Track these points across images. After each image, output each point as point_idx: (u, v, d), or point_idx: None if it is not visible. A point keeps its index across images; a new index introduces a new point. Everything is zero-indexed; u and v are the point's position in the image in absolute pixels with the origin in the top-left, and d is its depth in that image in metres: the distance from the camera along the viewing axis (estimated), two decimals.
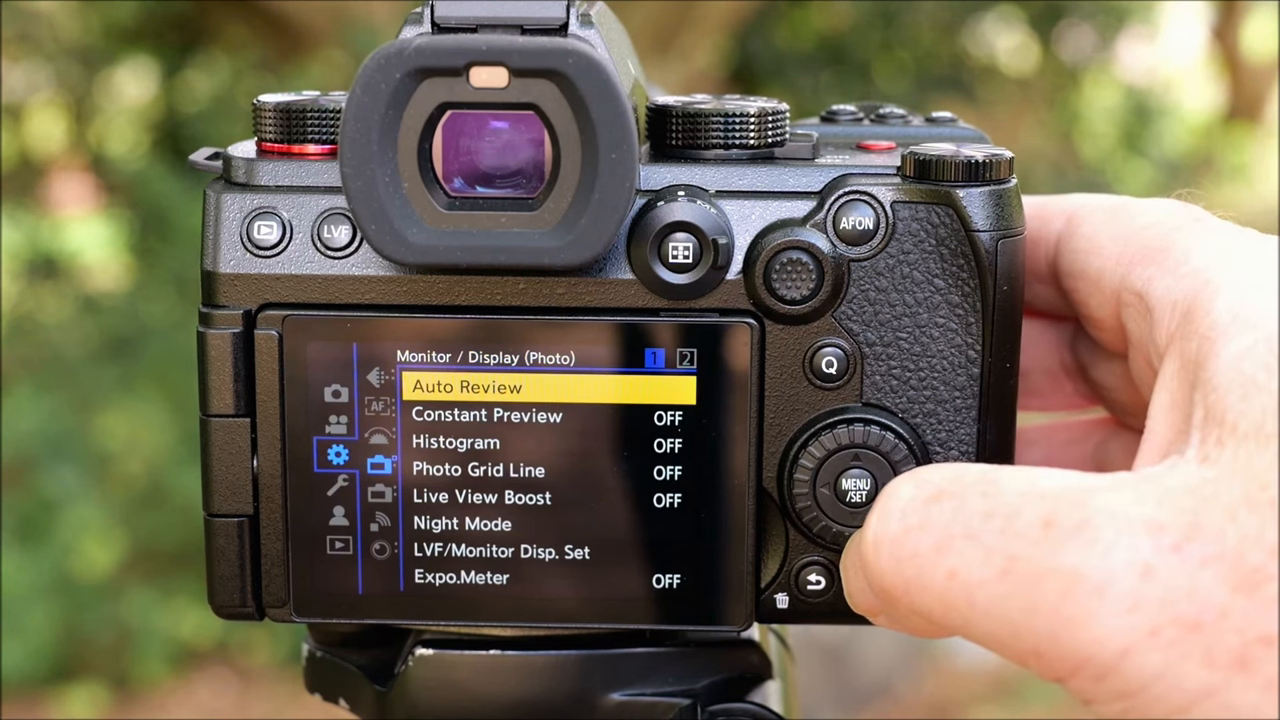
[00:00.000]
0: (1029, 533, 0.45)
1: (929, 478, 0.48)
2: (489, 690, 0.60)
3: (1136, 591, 0.43)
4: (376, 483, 0.57)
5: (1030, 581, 0.45)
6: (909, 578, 0.47)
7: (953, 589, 0.46)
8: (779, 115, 0.58)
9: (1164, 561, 0.43)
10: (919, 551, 0.47)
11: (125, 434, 3.49)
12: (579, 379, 0.56)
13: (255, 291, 0.56)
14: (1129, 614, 0.43)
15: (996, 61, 6.42)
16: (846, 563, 0.55)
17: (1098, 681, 0.44)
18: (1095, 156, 6.51)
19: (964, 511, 0.47)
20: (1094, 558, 0.44)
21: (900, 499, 0.48)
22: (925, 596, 0.47)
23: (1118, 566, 0.43)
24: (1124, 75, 7.06)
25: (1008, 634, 0.45)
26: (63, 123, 4.94)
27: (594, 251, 0.52)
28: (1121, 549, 0.44)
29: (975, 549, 0.46)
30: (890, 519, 0.48)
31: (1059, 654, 0.44)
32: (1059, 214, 0.60)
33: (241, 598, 0.58)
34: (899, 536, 0.48)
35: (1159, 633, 0.43)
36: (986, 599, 0.45)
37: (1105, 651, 0.43)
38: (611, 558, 0.57)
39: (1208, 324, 0.48)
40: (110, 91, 4.96)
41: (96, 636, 3.25)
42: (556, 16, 0.53)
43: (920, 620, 0.49)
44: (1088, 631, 0.44)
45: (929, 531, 0.47)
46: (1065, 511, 0.45)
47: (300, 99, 0.58)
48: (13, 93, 4.73)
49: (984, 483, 0.47)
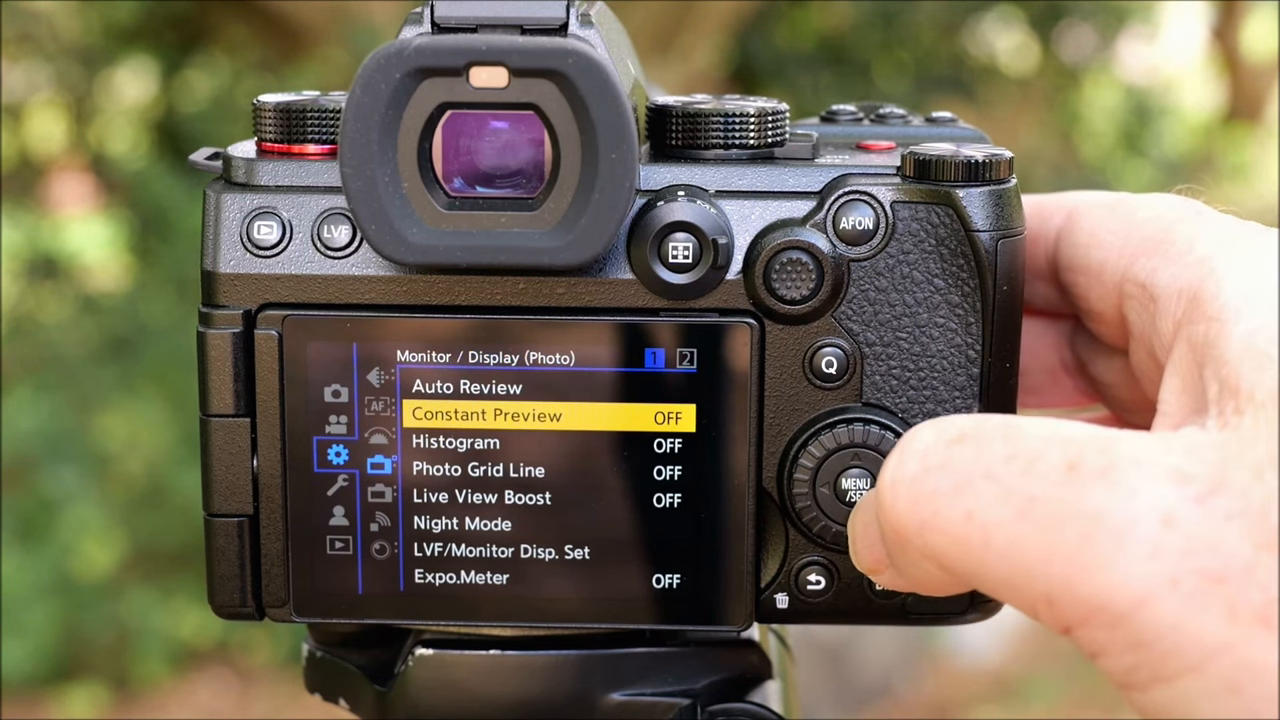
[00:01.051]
0: (1051, 475, 0.44)
1: (952, 421, 0.48)
2: (489, 690, 0.60)
3: (1158, 539, 0.42)
4: (376, 483, 0.57)
5: (1049, 523, 0.44)
6: (924, 518, 0.46)
7: (969, 529, 0.45)
8: (779, 115, 0.58)
9: (1188, 511, 0.42)
10: (938, 490, 0.46)
11: (125, 434, 3.49)
12: (579, 379, 0.56)
13: (255, 291, 0.56)
14: (1149, 560, 0.42)
15: (996, 61, 6.42)
16: (856, 518, 0.54)
17: (1110, 630, 0.43)
18: (1095, 156, 6.51)
19: (986, 453, 0.46)
20: (1116, 502, 0.43)
21: (921, 441, 0.47)
22: (939, 538, 0.46)
23: (1140, 512, 0.42)
24: (1124, 75, 7.06)
25: (1021, 578, 0.44)
26: (63, 123, 4.95)
27: (594, 251, 0.52)
28: (1145, 495, 0.43)
29: (995, 489, 0.45)
30: (910, 459, 0.47)
31: (1072, 598, 0.43)
32: (1058, 210, 0.60)
33: (241, 598, 0.58)
34: (918, 476, 0.47)
35: (1179, 582, 0.42)
36: (1002, 540, 0.44)
37: (1121, 598, 0.42)
38: (611, 558, 0.57)
39: (1216, 307, 0.47)
40: (110, 91, 4.96)
41: (96, 636, 3.25)
42: (556, 16, 0.53)
43: (931, 567, 0.47)
44: (1104, 576, 0.42)
45: (949, 471, 0.46)
46: (1090, 456, 0.44)
47: (300, 99, 0.58)
48: (13, 93, 4.73)
49: (1007, 427, 0.46)
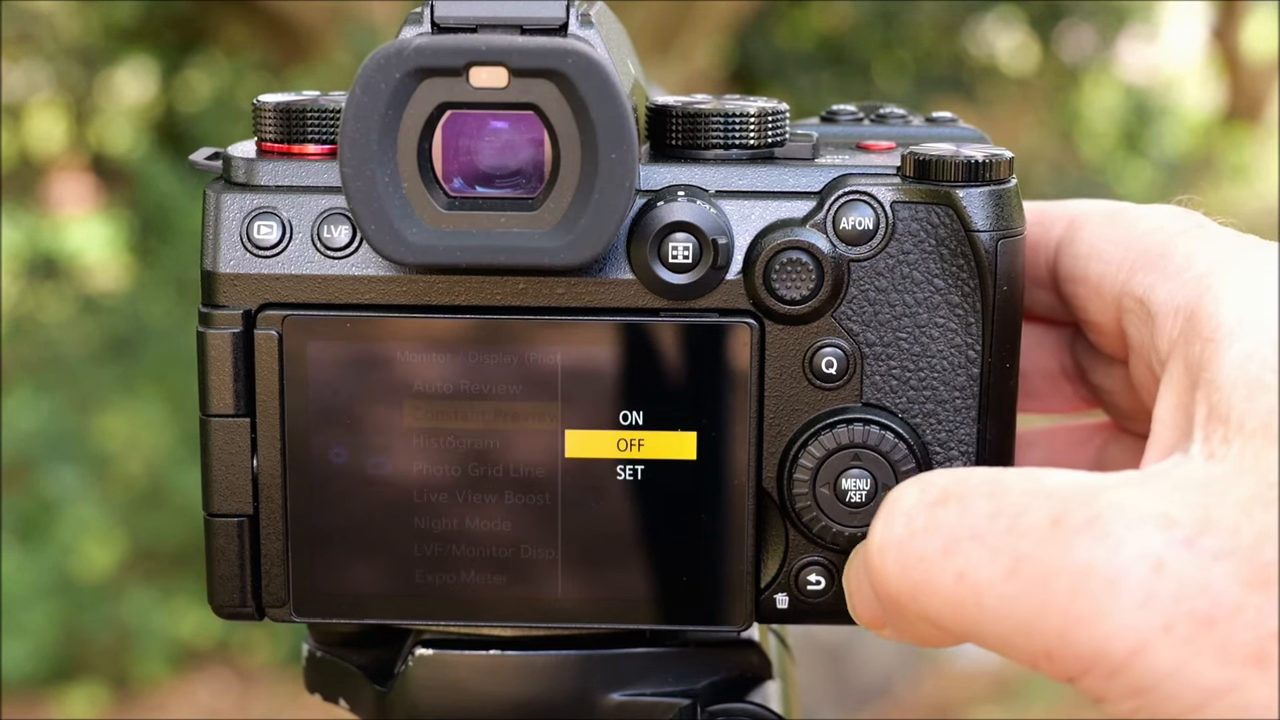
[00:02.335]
0: (1037, 531, 0.44)
1: (933, 480, 0.48)
2: (489, 690, 0.60)
3: (1149, 586, 0.42)
4: (376, 483, 0.57)
5: (1039, 580, 0.44)
6: (916, 582, 0.47)
7: (961, 591, 0.45)
8: (779, 115, 0.58)
9: (1176, 556, 0.42)
10: (925, 555, 0.46)
11: (125, 434, 3.49)
12: (579, 379, 0.56)
13: (255, 291, 0.56)
14: (1141, 609, 0.42)
15: (996, 61, 6.43)
16: (850, 575, 0.55)
17: (1110, 679, 0.43)
18: (1095, 156, 6.51)
19: (970, 513, 0.46)
20: (1104, 553, 0.43)
21: (905, 503, 0.48)
22: (933, 601, 0.46)
23: (1129, 561, 0.43)
24: (1124, 75, 7.06)
25: (1018, 635, 0.45)
26: (63, 123, 4.95)
27: (594, 252, 0.52)
28: (1132, 543, 0.43)
29: (983, 550, 0.45)
30: (895, 523, 0.48)
31: (1071, 653, 0.44)
32: (1059, 219, 0.59)
33: (241, 598, 0.58)
34: (905, 541, 0.47)
35: (1172, 628, 0.42)
36: (996, 600, 0.45)
37: (1117, 648, 0.43)
38: (611, 557, 0.57)
39: (1211, 327, 0.47)
40: (110, 91, 4.96)
41: (96, 636, 3.25)
42: (556, 16, 0.53)
43: (928, 627, 0.48)
44: (1099, 628, 0.43)
45: (935, 534, 0.46)
46: (1073, 509, 0.44)
47: (300, 99, 0.58)
48: (13, 93, 4.73)
49: (989, 484, 0.47)
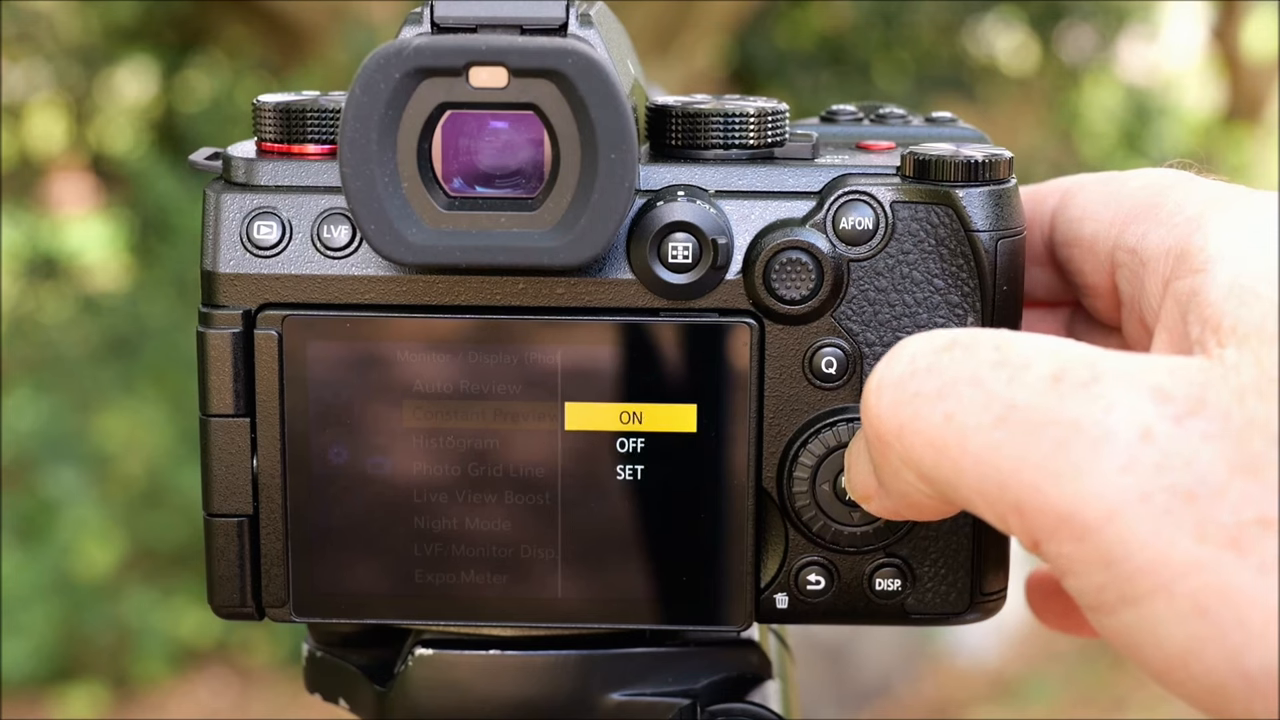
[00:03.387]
0: (1036, 384, 0.44)
1: (945, 332, 0.48)
2: (489, 690, 0.60)
3: (1133, 452, 0.42)
4: (376, 482, 0.57)
5: (1026, 430, 0.43)
6: (905, 420, 0.46)
7: (946, 432, 0.45)
8: (779, 115, 0.58)
9: (1165, 428, 0.42)
10: (920, 392, 0.46)
11: (125, 434, 3.49)
12: (578, 379, 0.56)
13: (255, 291, 0.56)
14: (1122, 474, 0.42)
15: (996, 61, 6.42)
16: (852, 445, 0.54)
17: (1078, 543, 0.42)
18: (1095, 156, 6.51)
19: (974, 359, 0.46)
20: (1095, 413, 0.43)
21: (912, 346, 0.47)
22: (917, 440, 0.46)
23: (1117, 424, 0.42)
24: (1124, 75, 7.06)
25: (993, 485, 0.44)
26: (63, 123, 4.95)
27: (593, 252, 0.52)
28: (1124, 408, 0.42)
29: (977, 394, 0.45)
30: (898, 363, 0.47)
31: (1041, 506, 0.43)
32: (1053, 192, 0.60)
33: (241, 597, 0.58)
34: (904, 378, 0.47)
35: (1151, 498, 0.41)
36: (979, 445, 0.44)
37: (1091, 509, 0.42)
38: (611, 557, 0.57)
39: (1201, 259, 0.47)
40: (110, 91, 4.97)
41: (96, 636, 3.25)
42: (556, 16, 0.53)
43: (910, 476, 0.47)
44: (1075, 485, 0.42)
45: (935, 375, 0.46)
46: (1075, 368, 0.44)
47: (300, 99, 0.58)
48: (13, 93, 4.73)
49: (999, 337, 0.46)
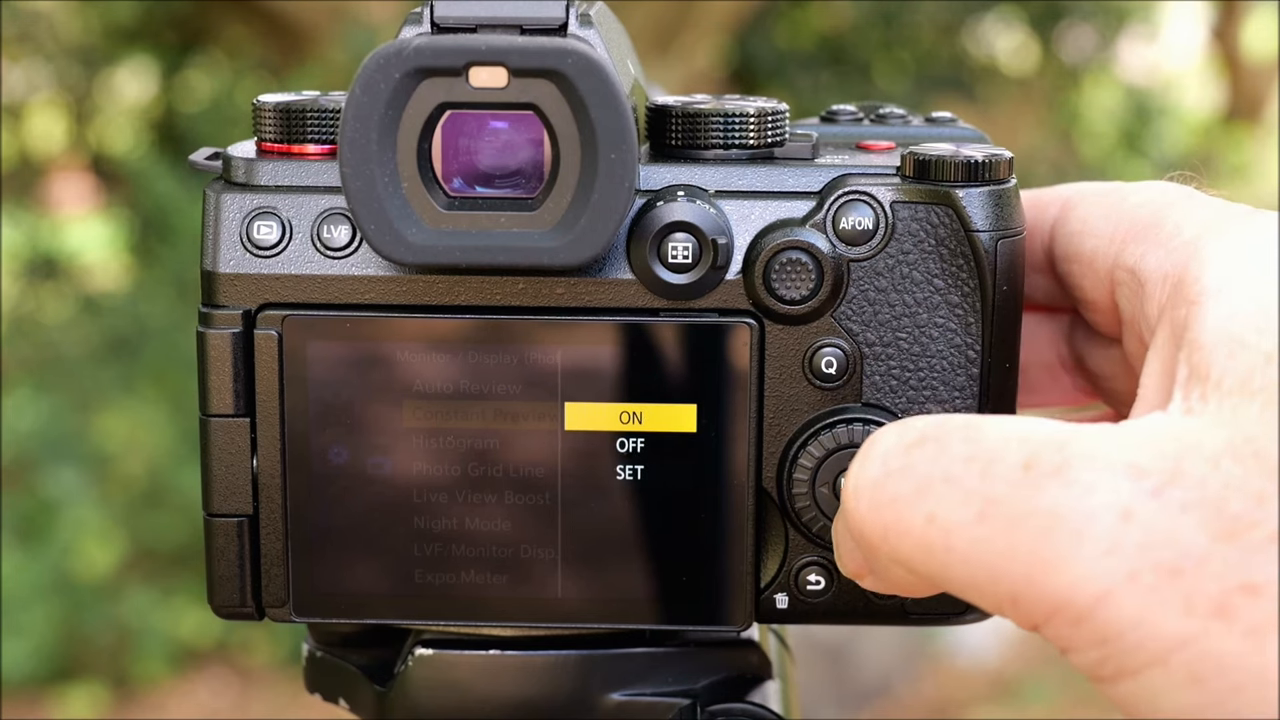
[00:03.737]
0: (1009, 475, 0.44)
1: (912, 424, 0.48)
2: (489, 690, 0.60)
3: (1115, 534, 0.42)
4: (376, 482, 0.57)
5: (1008, 524, 0.44)
6: (888, 523, 0.46)
7: (930, 533, 0.45)
8: (779, 115, 0.58)
9: (1144, 505, 0.42)
10: (898, 495, 0.46)
11: (125, 434, 3.49)
12: (579, 379, 0.56)
13: (255, 291, 0.56)
14: (1107, 556, 0.42)
15: (996, 61, 6.43)
16: (837, 525, 0.55)
17: (1074, 627, 0.43)
18: (1095, 156, 6.51)
19: (945, 455, 0.46)
20: (1072, 499, 0.43)
21: (883, 445, 0.48)
22: (904, 542, 0.46)
23: (1096, 508, 0.43)
24: (1124, 75, 7.06)
25: (985, 579, 0.44)
26: (63, 123, 4.95)
27: (593, 252, 0.52)
28: (1101, 491, 0.43)
29: (954, 492, 0.45)
30: (871, 464, 0.47)
31: (1035, 597, 0.43)
32: (1054, 201, 0.60)
33: (241, 597, 0.58)
34: (879, 480, 0.47)
35: (1137, 577, 0.42)
36: (964, 543, 0.45)
37: (1082, 595, 0.42)
38: (611, 557, 0.57)
39: (1196, 291, 0.47)
40: (110, 91, 4.97)
41: (96, 636, 3.25)
42: (556, 16, 0.53)
43: (900, 571, 0.48)
44: (1065, 574, 0.43)
45: (909, 476, 0.46)
46: (1045, 454, 0.44)
47: (300, 99, 0.58)
48: (13, 93, 4.73)
49: (967, 428, 0.46)
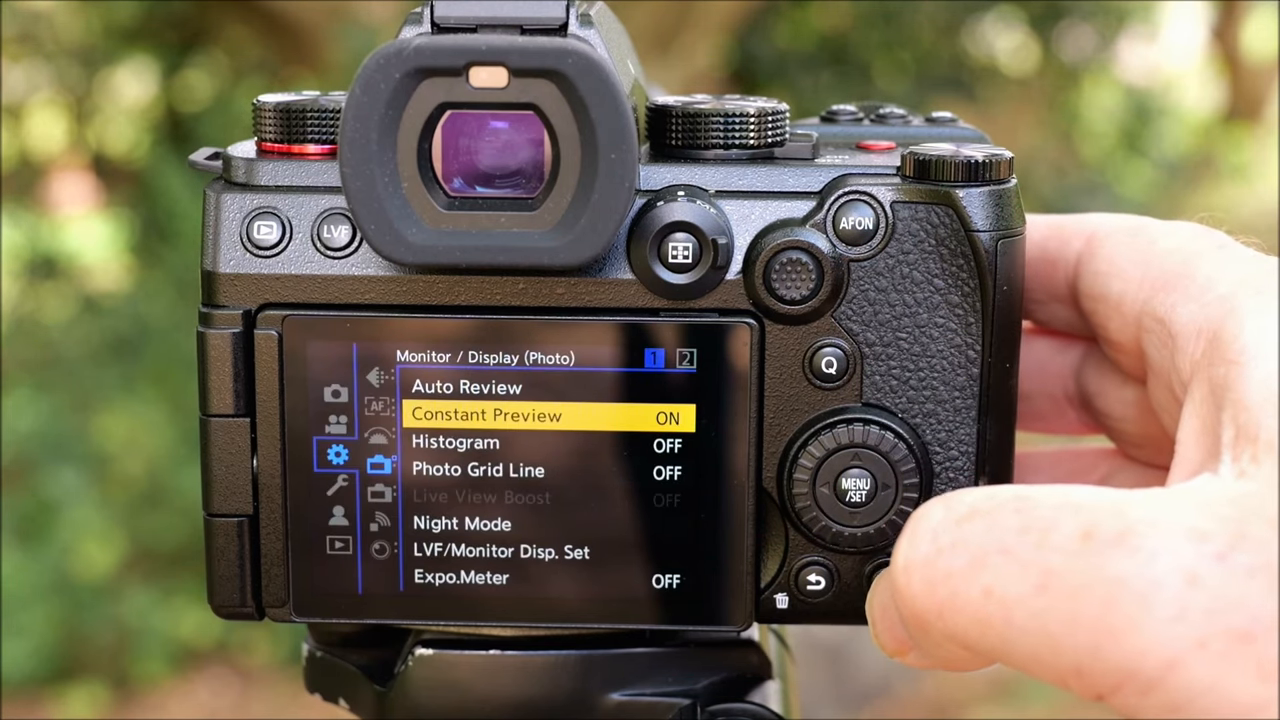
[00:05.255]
0: (1067, 545, 0.44)
1: (960, 498, 0.47)
2: (489, 690, 0.60)
3: (1182, 600, 0.42)
4: (376, 482, 0.57)
5: (1070, 594, 0.43)
6: (942, 600, 0.46)
7: (989, 608, 0.44)
8: (779, 115, 0.58)
9: (1210, 570, 0.42)
10: (953, 571, 0.45)
11: (125, 434, 3.49)
12: (579, 379, 0.56)
13: (255, 291, 0.56)
14: (1175, 623, 0.41)
15: (996, 61, 6.43)
16: (874, 601, 0.54)
17: (1143, 696, 0.42)
18: (1095, 156, 6.51)
19: (998, 528, 0.45)
20: (1136, 566, 0.42)
21: (931, 521, 0.47)
22: (960, 618, 0.45)
23: (1162, 575, 0.42)
24: (1124, 75, 7.07)
25: (1048, 652, 0.44)
26: (63, 123, 4.95)
27: (593, 251, 0.52)
28: (1166, 556, 0.42)
29: (1011, 565, 0.44)
30: (921, 541, 0.47)
31: (1102, 668, 0.43)
32: (1078, 234, 0.59)
33: (241, 597, 0.58)
34: (931, 557, 0.46)
35: (1207, 644, 0.41)
36: (1025, 616, 0.44)
37: (1151, 663, 0.42)
38: (611, 557, 0.57)
39: (1236, 349, 0.47)
40: (110, 91, 4.97)
41: (96, 636, 3.25)
42: (556, 16, 0.53)
43: (954, 648, 0.47)
44: (1132, 642, 0.42)
45: (962, 551, 0.45)
46: (1104, 522, 0.44)
47: (300, 99, 0.58)
48: (13, 93, 4.73)
49: (1018, 499, 0.46)
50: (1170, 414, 0.54)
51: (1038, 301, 0.62)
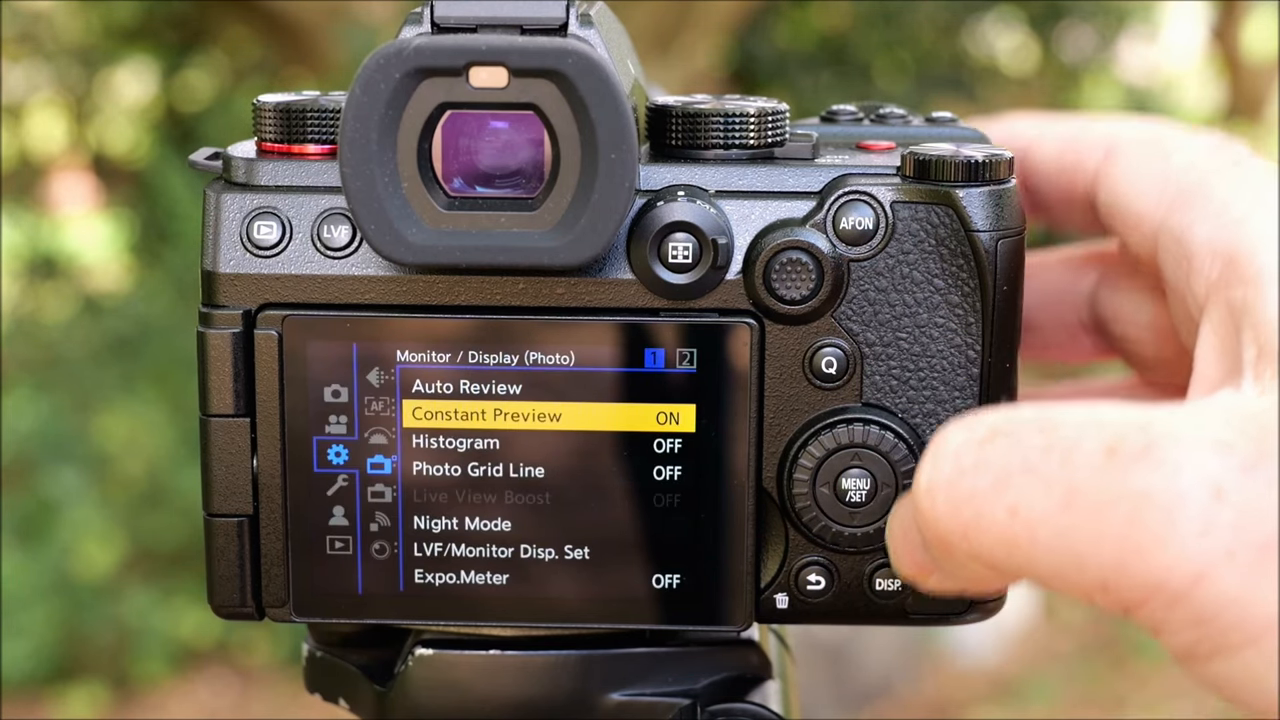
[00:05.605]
0: (1091, 461, 0.43)
1: (981, 420, 0.47)
2: (489, 690, 0.60)
3: (1209, 513, 0.41)
4: (376, 482, 0.57)
5: (1095, 510, 0.43)
6: (967, 521, 0.45)
7: (1014, 526, 0.44)
8: (779, 115, 0.58)
9: (1236, 482, 0.41)
10: (976, 491, 0.45)
11: (125, 434, 3.49)
12: (579, 379, 0.56)
13: (255, 291, 0.56)
14: (1202, 537, 0.41)
15: (996, 61, 6.43)
16: (894, 526, 0.54)
17: (1169, 609, 0.42)
18: None
19: (1021, 447, 0.45)
20: (1162, 479, 0.42)
21: (953, 443, 0.46)
22: (985, 538, 0.45)
23: (1188, 488, 0.42)
24: (1124, 75, 7.06)
25: (1073, 568, 0.43)
26: (63, 123, 4.95)
27: (593, 252, 0.52)
28: (1191, 469, 0.42)
29: (1036, 483, 0.44)
30: (944, 463, 0.46)
31: (1128, 583, 0.42)
32: (1097, 144, 0.59)
33: (241, 597, 0.58)
34: (954, 479, 0.46)
35: (1235, 556, 0.41)
36: (1050, 533, 0.44)
37: (1178, 577, 0.42)
38: (611, 557, 0.57)
39: (1253, 271, 0.47)
40: (110, 91, 4.97)
41: (96, 636, 3.25)
42: (556, 16, 0.53)
43: (978, 568, 0.47)
44: (1159, 557, 0.42)
45: (986, 471, 0.45)
46: (1128, 436, 0.43)
47: (300, 99, 0.58)
48: (13, 93, 4.73)
49: (1040, 419, 0.45)
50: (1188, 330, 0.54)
51: (1058, 207, 0.62)
